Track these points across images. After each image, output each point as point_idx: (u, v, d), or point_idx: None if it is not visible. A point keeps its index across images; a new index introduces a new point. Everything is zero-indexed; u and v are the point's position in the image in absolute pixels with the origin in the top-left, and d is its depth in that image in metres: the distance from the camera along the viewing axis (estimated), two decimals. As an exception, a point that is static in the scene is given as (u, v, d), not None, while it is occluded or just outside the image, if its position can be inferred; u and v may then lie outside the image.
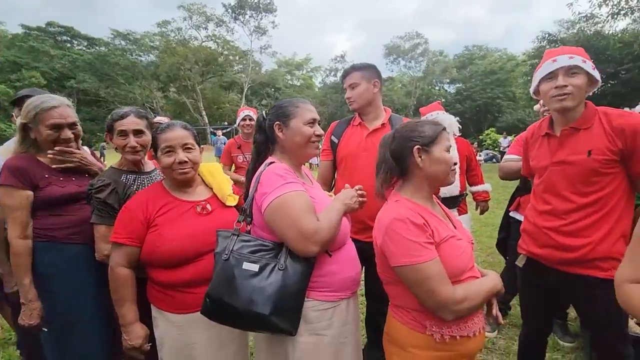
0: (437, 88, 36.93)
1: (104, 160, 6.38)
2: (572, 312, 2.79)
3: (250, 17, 35.16)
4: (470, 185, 3.22)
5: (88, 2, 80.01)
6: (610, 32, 19.68)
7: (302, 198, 1.21)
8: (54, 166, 1.60)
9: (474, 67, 32.40)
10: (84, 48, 33.80)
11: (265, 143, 1.39)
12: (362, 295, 2.51)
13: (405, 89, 34.75)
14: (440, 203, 1.38)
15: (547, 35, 21.04)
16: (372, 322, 2.26)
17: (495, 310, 1.25)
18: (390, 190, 1.31)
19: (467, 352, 1.18)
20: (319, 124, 1.40)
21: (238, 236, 1.24)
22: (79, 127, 1.69)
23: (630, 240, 1.41)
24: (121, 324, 1.42)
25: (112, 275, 1.40)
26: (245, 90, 36.20)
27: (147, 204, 1.42)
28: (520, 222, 2.53)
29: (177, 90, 35.56)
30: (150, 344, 1.46)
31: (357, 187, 1.40)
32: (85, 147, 1.99)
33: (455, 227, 1.28)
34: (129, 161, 1.66)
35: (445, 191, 2.78)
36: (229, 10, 34.60)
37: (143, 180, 1.68)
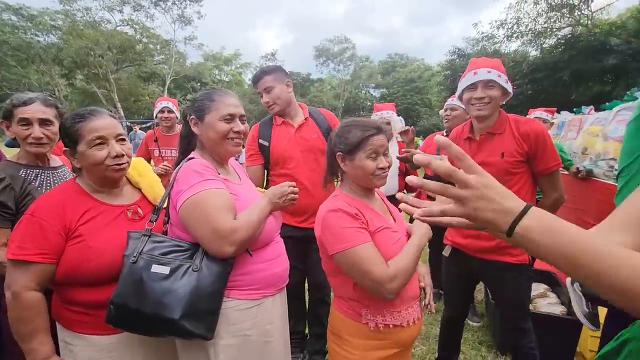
0: (363, 92, 38.82)
1: None
2: (479, 295, 3.18)
3: (173, 4, 32.70)
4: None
5: (-36, -35, 66.21)
6: (506, 51, 22.88)
7: (220, 196, 1.18)
8: None
9: (396, 74, 34.86)
10: (-41, 20, 27.90)
11: (187, 137, 1.35)
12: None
13: (335, 91, 35.86)
14: (385, 199, 1.46)
15: (457, 50, 23.65)
16: (313, 312, 2.28)
17: (429, 298, 1.34)
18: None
19: (402, 341, 1.25)
20: (242, 120, 1.32)
21: (149, 237, 1.17)
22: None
23: None
24: None
25: (18, 304, 1.11)
26: (168, 82, 33.54)
27: (64, 210, 1.17)
28: None
29: (85, 78, 31.37)
30: None
31: (289, 183, 1.39)
32: None
33: (395, 220, 1.36)
34: (31, 154, 1.42)
35: (384, 190, 2.95)
36: (148, -6, 31.73)
37: (48, 177, 1.45)
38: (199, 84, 36.88)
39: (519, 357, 1.79)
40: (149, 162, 3.46)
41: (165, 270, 1.11)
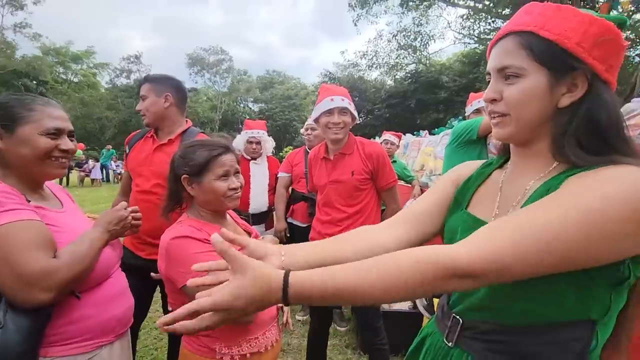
0: (242, 105, 38.50)
1: None
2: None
3: (-4, -20, 26.12)
4: None
5: None
6: (368, 78, 26.31)
7: (28, 229, 0.95)
8: None
9: (275, 91, 35.86)
10: None
11: None
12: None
13: (211, 102, 34.46)
14: (238, 219, 1.39)
15: (328, 73, 25.96)
16: (171, 352, 2.04)
17: (286, 316, 1.33)
18: (178, 212, 1.24)
19: None
20: (72, 135, 1.11)
21: None
22: None
23: None
24: None
25: None
26: (-12, 77, 26.33)
27: None
28: (295, 225, 3.04)
29: None
30: None
31: (130, 208, 1.21)
32: None
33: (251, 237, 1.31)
34: None
35: (254, 207, 2.95)
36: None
37: None
38: (34, 81, 30.02)
39: (373, 354, 1.99)
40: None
41: None
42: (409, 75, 23.36)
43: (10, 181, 1.03)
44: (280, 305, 1.26)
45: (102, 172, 15.29)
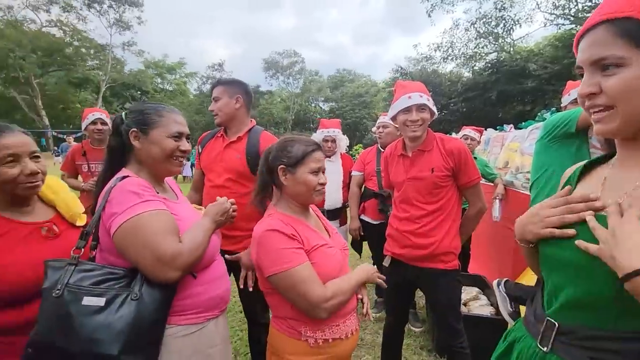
0: (313, 105, 39.51)
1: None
2: (421, 301, 3.34)
3: (109, 7, 30.76)
4: None
5: None
6: (443, 71, 24.91)
7: (161, 218, 1.10)
8: None
9: (345, 89, 36.06)
10: None
11: (119, 150, 1.23)
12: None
13: (284, 103, 36.03)
14: (320, 214, 1.47)
15: (400, 69, 25.17)
16: (252, 334, 2.23)
17: (366, 307, 1.35)
18: (267, 202, 1.36)
19: (341, 353, 1.26)
20: (188, 138, 1.28)
21: (76, 265, 1.04)
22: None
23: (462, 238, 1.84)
24: None
25: None
26: (103, 89, 31.22)
27: None
28: (367, 222, 3.05)
29: (3, 82, 28.05)
30: None
31: (229, 200, 1.35)
32: None
33: (330, 236, 1.38)
34: None
35: (329, 204, 3.07)
36: (80, -5, 29.53)
37: None
38: (139, 92, 34.80)
39: (453, 357, 1.91)
40: (75, 177, 3.19)
41: (100, 302, 1.00)
42: (489, 65, 21.53)
43: (143, 176, 1.20)
44: (360, 296, 1.31)
45: (191, 170, 17.10)
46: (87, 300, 0.99)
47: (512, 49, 20.93)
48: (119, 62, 33.64)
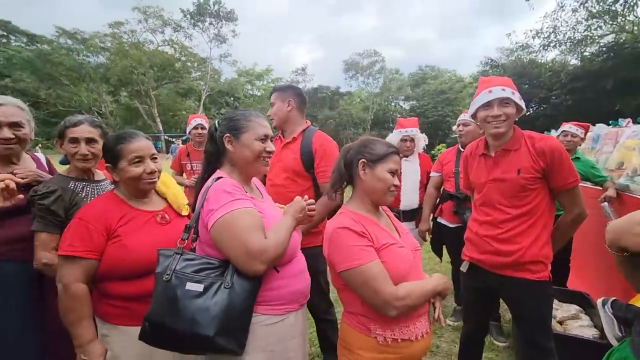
0: (393, 104, 38.53)
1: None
2: (507, 315, 3.06)
3: (210, 24, 34.56)
4: None
5: (29, -5, 73.75)
6: (542, 61, 22.02)
7: (250, 215, 1.20)
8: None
9: (427, 86, 34.35)
10: (23, 45, 31.02)
11: (215, 154, 1.37)
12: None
13: (363, 103, 35.87)
14: (391, 214, 1.48)
15: (490, 61, 23.05)
16: (319, 331, 2.33)
17: (438, 312, 1.32)
18: (339, 195, 1.42)
19: (410, 355, 1.26)
20: (272, 140, 1.40)
21: (181, 255, 1.19)
22: (25, 130, 1.59)
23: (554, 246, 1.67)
24: (77, 344, 1.30)
25: (67, 294, 1.28)
26: (204, 98, 35.24)
27: (106, 215, 1.36)
28: (444, 225, 2.92)
29: (129, 95, 33.68)
30: None
31: (308, 200, 1.43)
32: (41, 154, 1.90)
33: (400, 235, 1.38)
34: (79, 169, 1.62)
35: (405, 204, 3.05)
36: (188, 16, 33.79)
37: (93, 189, 1.63)
38: (232, 98, 38.41)
39: (540, 379, 1.73)
40: (181, 174, 3.73)
41: (199, 287, 1.13)
42: (603, 49, 18.28)
43: (235, 177, 1.32)
44: (432, 300, 1.29)
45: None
46: (190, 286, 1.13)
47: (635, 28, 17.48)
48: (216, 72, 37.63)
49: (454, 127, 3.05)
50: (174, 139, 17.98)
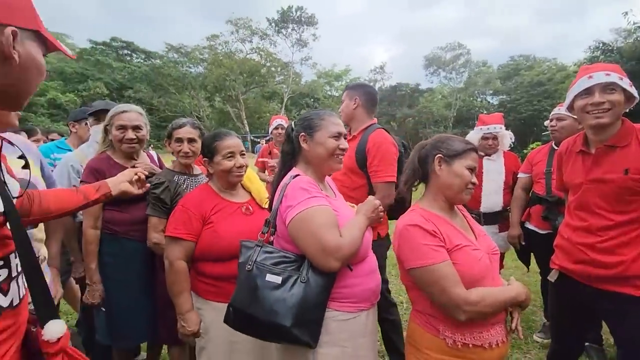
0: (479, 100, 35.57)
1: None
2: (610, 338, 2.65)
3: (292, 30, 36.33)
4: None
5: (147, 18, 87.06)
6: (675, 41, 17.96)
7: (326, 213, 1.23)
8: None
9: (520, 78, 30.85)
10: (142, 61, 36.69)
11: (291, 153, 1.42)
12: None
13: (445, 100, 33.82)
14: (467, 214, 1.43)
15: (601, 45, 19.63)
16: (383, 331, 2.33)
17: (516, 323, 1.24)
18: (410, 190, 1.41)
19: None
20: (346, 137, 1.42)
21: (262, 247, 1.26)
22: (144, 132, 1.94)
23: None
24: (178, 312, 1.56)
25: (171, 269, 1.55)
26: (285, 100, 37.24)
27: (202, 204, 1.59)
28: (532, 231, 2.65)
29: (222, 100, 37.39)
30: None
31: (379, 199, 1.44)
32: (153, 152, 2.30)
33: (476, 237, 1.33)
34: (182, 164, 1.92)
35: (486, 206, 2.86)
36: (273, 24, 36.08)
37: (191, 182, 1.92)
38: (312, 99, 39.84)
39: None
40: (263, 172, 4.07)
41: (278, 279, 1.18)
42: None
43: (310, 175, 1.35)
44: (510, 309, 1.22)
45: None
46: (269, 277, 1.19)
47: None
48: (297, 76, 39.47)
49: (546, 122, 2.71)
50: (259, 139, 19.54)
